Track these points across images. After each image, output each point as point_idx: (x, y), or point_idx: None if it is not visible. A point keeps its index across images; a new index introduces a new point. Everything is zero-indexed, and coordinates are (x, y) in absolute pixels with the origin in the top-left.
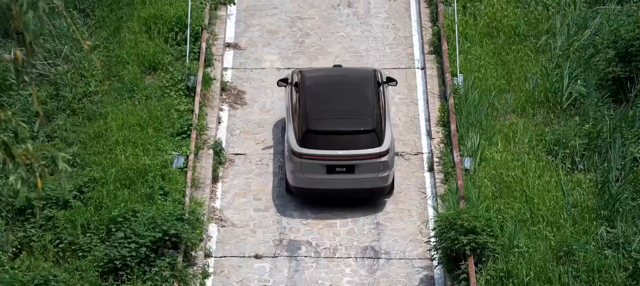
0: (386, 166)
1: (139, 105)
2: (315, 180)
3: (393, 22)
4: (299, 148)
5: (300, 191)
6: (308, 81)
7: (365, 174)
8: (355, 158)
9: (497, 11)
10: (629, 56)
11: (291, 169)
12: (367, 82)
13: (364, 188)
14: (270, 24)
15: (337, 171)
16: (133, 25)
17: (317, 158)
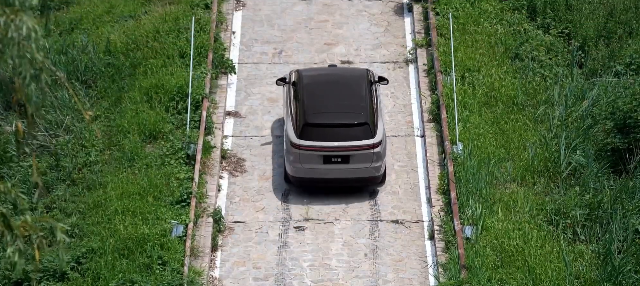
0: (379, 157)
1: (139, 174)
2: (312, 170)
3: (392, 90)
4: (298, 140)
5: (299, 180)
6: (305, 79)
7: (359, 164)
8: (350, 149)
9: (495, 81)
10: (627, 127)
11: (290, 160)
12: (361, 80)
13: (358, 177)
14: (271, 92)
15: (333, 161)
16: (134, 95)
17: (314, 149)
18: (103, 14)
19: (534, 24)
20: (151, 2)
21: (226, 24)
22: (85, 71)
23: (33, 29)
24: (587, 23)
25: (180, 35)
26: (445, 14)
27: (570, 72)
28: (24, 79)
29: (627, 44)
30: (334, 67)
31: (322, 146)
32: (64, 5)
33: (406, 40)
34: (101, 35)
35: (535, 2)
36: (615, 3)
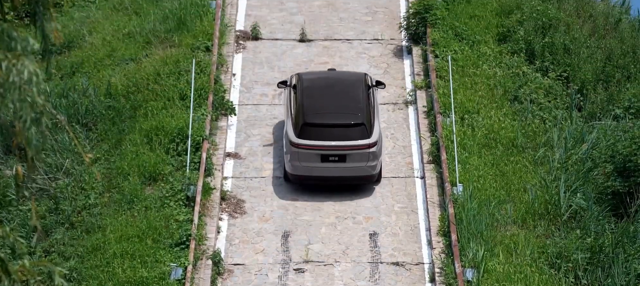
0: (374, 156)
1: (138, 216)
2: (310, 168)
3: (392, 131)
4: (297, 139)
5: (298, 178)
6: (305, 82)
7: (355, 163)
8: (347, 148)
9: (495, 123)
10: (627, 171)
11: (289, 158)
12: (358, 84)
13: (355, 176)
14: (270, 133)
15: (330, 159)
16: (134, 137)
17: (313, 148)
18: (104, 57)
19: (533, 67)
20: (152, 45)
21: (227, 66)
22: (85, 114)
23: (34, 73)
24: (586, 67)
25: (180, 78)
26: (444, 56)
27: (569, 115)
28: (24, 122)
29: (626, 88)
30: (332, 71)
31: (320, 145)
32: (65, 49)
33: (406, 82)
34: (102, 78)
35: (533, 46)
36: (613, 47)
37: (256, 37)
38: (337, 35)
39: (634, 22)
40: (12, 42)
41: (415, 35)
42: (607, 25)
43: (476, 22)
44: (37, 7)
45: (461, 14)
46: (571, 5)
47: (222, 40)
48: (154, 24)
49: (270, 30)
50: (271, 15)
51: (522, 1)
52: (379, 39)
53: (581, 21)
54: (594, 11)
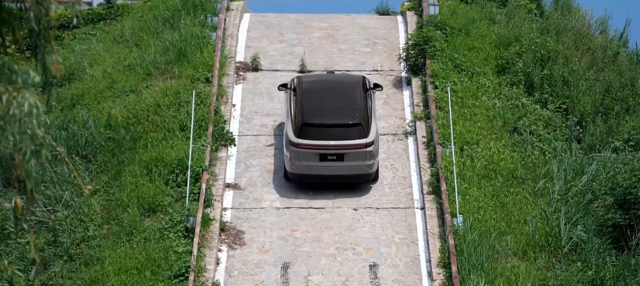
0: (371, 156)
1: (137, 248)
2: (309, 167)
3: (392, 162)
4: (296, 139)
5: (297, 176)
6: (304, 85)
7: (353, 162)
8: (345, 148)
9: (494, 154)
10: (627, 203)
11: (289, 157)
12: (356, 86)
13: (352, 174)
14: (270, 164)
15: (328, 159)
16: (134, 168)
17: (311, 148)
18: (105, 89)
19: (532, 98)
20: (152, 76)
21: (226, 97)
22: (85, 146)
23: (35, 105)
24: (585, 99)
25: (180, 109)
26: (444, 87)
27: (568, 147)
28: (24, 155)
29: (625, 120)
30: (331, 74)
31: (319, 145)
32: (66, 81)
33: (405, 113)
34: (102, 110)
35: (532, 78)
36: (612, 80)
37: (256, 69)
38: (336, 66)
39: (632, 55)
40: (13, 75)
41: (414, 67)
42: (606, 58)
43: (475, 54)
44: (38, 40)
45: (460, 45)
46: (569, 38)
47: (222, 72)
48: (155, 55)
49: (270, 61)
50: (271, 47)
51: (520, 33)
52: (379, 70)
53: (580, 54)
54: (593, 44)
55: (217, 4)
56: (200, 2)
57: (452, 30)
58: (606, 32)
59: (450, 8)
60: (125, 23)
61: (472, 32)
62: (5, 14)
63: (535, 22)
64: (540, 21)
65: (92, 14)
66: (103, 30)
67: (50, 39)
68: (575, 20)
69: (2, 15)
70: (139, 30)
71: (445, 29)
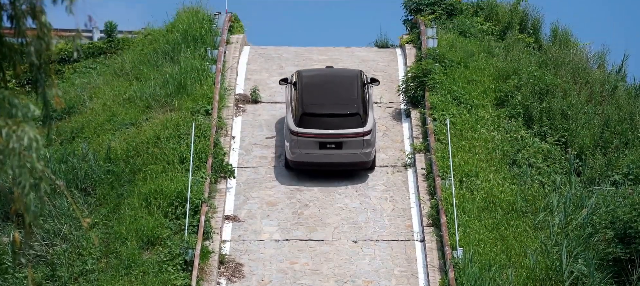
0: (368, 144)
1: (135, 282)
2: (309, 154)
3: (391, 194)
4: (296, 128)
5: (297, 164)
6: (305, 78)
7: (351, 150)
8: (343, 136)
9: (494, 186)
10: (628, 237)
11: (289, 146)
12: (354, 79)
13: (350, 162)
14: (270, 195)
15: (327, 147)
16: (133, 201)
17: (311, 136)
18: (104, 122)
19: (531, 131)
20: (152, 109)
21: (226, 129)
22: (84, 179)
23: (34, 138)
24: (583, 132)
25: (180, 141)
26: (443, 119)
27: (568, 180)
28: (23, 188)
29: (624, 154)
30: (330, 68)
31: (318, 134)
32: (66, 115)
33: (404, 145)
34: (102, 142)
35: (531, 111)
36: (610, 114)
37: (256, 101)
38: None
39: (631, 89)
40: (13, 109)
41: (413, 99)
42: (604, 92)
43: (474, 87)
44: (39, 74)
45: (459, 78)
46: (568, 71)
47: (222, 104)
48: (155, 88)
49: (270, 93)
50: (271, 79)
51: (519, 67)
52: (378, 102)
53: (578, 87)
54: (591, 78)
55: (217, 37)
56: (200, 35)
57: (451, 63)
58: (604, 66)
59: (449, 41)
60: (126, 56)
61: (471, 65)
62: (6, 49)
63: (534, 55)
64: (539, 55)
65: (92, 48)
66: (103, 64)
67: (51, 72)
68: (574, 54)
69: (3, 50)
70: (139, 64)
71: (444, 62)
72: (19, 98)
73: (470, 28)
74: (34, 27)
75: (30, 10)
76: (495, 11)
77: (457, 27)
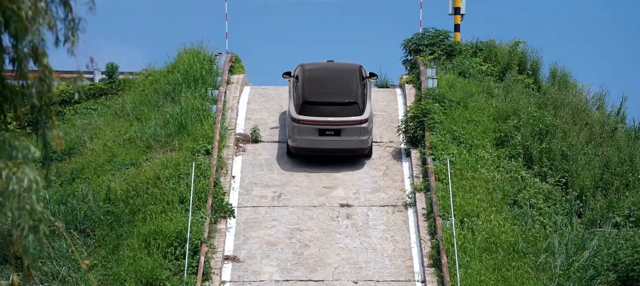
0: (366, 131)
1: None
2: (310, 141)
3: (392, 234)
4: (298, 115)
5: (298, 150)
6: (307, 71)
7: (349, 137)
8: (341, 124)
9: (495, 227)
10: (630, 280)
11: (290, 133)
12: (353, 72)
13: (348, 148)
14: (270, 235)
15: (327, 134)
16: (132, 242)
17: (311, 123)
18: (105, 162)
19: (531, 172)
20: (152, 149)
21: (226, 169)
22: (84, 220)
23: (34, 180)
24: (584, 173)
25: (180, 181)
26: (443, 159)
27: (569, 221)
28: (22, 230)
29: (625, 195)
30: (331, 62)
31: (318, 121)
32: (66, 156)
33: (405, 185)
34: (102, 183)
35: (531, 151)
36: (610, 155)
37: (256, 140)
38: None
39: (630, 131)
40: (13, 151)
41: (413, 139)
42: (604, 134)
43: (474, 127)
44: (40, 116)
45: (458, 118)
46: (567, 112)
47: (222, 144)
48: (155, 128)
49: (270, 133)
50: (271, 118)
51: (518, 107)
52: (378, 141)
53: (578, 128)
54: (590, 119)
55: (218, 78)
56: (201, 75)
57: (451, 103)
58: (603, 107)
59: (448, 82)
60: (126, 97)
61: (471, 105)
62: (8, 91)
63: (533, 96)
64: (538, 96)
65: (93, 89)
66: (104, 105)
67: (52, 114)
68: (573, 96)
69: (4, 92)
70: (139, 104)
71: (444, 102)
72: (19, 140)
73: (469, 69)
74: (36, 69)
75: (33, 53)
76: (494, 52)
77: (456, 67)
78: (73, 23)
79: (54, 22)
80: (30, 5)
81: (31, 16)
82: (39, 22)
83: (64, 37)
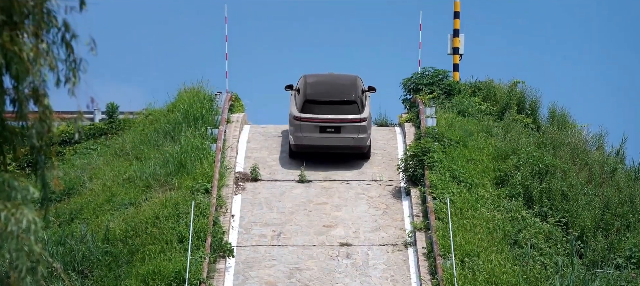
0: (364, 130)
1: None
2: (310, 138)
3: (392, 273)
4: (299, 114)
5: (300, 147)
6: (309, 79)
7: (348, 134)
8: (341, 121)
9: (496, 267)
10: None
11: (292, 132)
12: (352, 79)
13: (347, 145)
14: (269, 275)
15: (327, 131)
16: (131, 283)
17: (313, 121)
18: (104, 202)
19: (531, 211)
20: (152, 188)
21: (226, 208)
22: (82, 261)
23: (33, 221)
24: (584, 214)
25: (179, 220)
26: (443, 198)
27: (570, 262)
28: (20, 272)
29: (626, 236)
30: (332, 73)
31: (319, 118)
32: (65, 196)
33: (405, 224)
34: (100, 223)
35: (531, 191)
36: (610, 196)
37: (256, 179)
38: (335, 175)
39: (630, 171)
40: (12, 192)
41: (413, 177)
42: (603, 174)
43: (473, 166)
44: (39, 157)
45: (458, 157)
46: (566, 152)
47: (222, 182)
48: (155, 167)
49: (270, 171)
50: (271, 157)
51: (518, 147)
52: (378, 180)
53: (577, 168)
54: (590, 159)
55: (218, 117)
56: (201, 114)
57: (450, 142)
58: (603, 148)
59: (448, 120)
60: (126, 137)
61: (470, 144)
62: (8, 133)
63: (532, 136)
64: (537, 135)
65: (93, 129)
66: (104, 145)
67: (51, 154)
68: (572, 136)
69: (4, 133)
70: (139, 144)
71: (443, 141)
72: (18, 181)
73: (468, 108)
74: (36, 110)
75: (34, 94)
76: (493, 92)
77: (455, 106)
78: (74, 64)
79: (56, 63)
80: (31, 46)
81: (33, 57)
82: (40, 64)
83: (65, 77)
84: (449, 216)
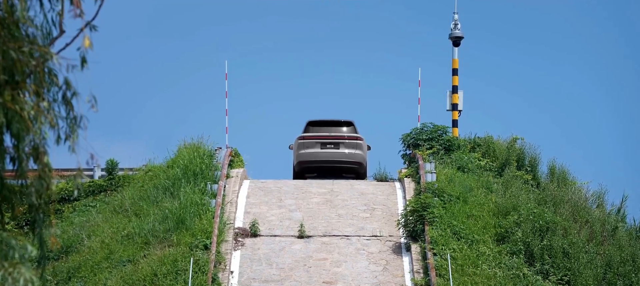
0: (360, 147)
1: None
2: (312, 153)
3: None
4: (303, 134)
5: (302, 163)
6: (310, 118)
7: (346, 150)
8: (340, 137)
9: None
10: None
11: (295, 154)
12: (349, 120)
13: (346, 160)
14: None
15: (327, 146)
16: None
17: (314, 138)
18: (102, 260)
19: (533, 269)
20: (150, 245)
21: (224, 264)
22: None
23: (30, 280)
24: (586, 272)
25: (178, 278)
26: (443, 254)
27: None
28: None
29: None
30: None
31: (320, 135)
32: (63, 254)
33: (405, 280)
34: (98, 282)
35: (532, 248)
36: (612, 254)
37: (255, 234)
38: (335, 231)
39: (631, 230)
40: (10, 250)
41: (413, 233)
42: (604, 232)
43: (474, 222)
44: (38, 215)
45: (458, 213)
46: (567, 209)
47: (221, 238)
48: (154, 224)
49: (269, 227)
50: (270, 212)
51: (518, 203)
52: (378, 235)
53: (578, 226)
54: (590, 217)
55: (217, 172)
56: (200, 170)
57: (450, 198)
58: (603, 206)
59: (447, 176)
60: (125, 193)
61: (470, 200)
62: (7, 191)
63: (532, 192)
64: (537, 192)
65: (93, 186)
66: (103, 202)
67: (50, 212)
68: (572, 193)
69: (3, 192)
70: (138, 200)
71: (443, 196)
72: (16, 239)
73: (468, 163)
74: (35, 167)
75: (34, 152)
76: (492, 148)
77: (455, 162)
78: (74, 121)
79: (56, 120)
80: (32, 105)
81: (33, 116)
82: (41, 122)
83: (65, 135)
84: (449, 273)
